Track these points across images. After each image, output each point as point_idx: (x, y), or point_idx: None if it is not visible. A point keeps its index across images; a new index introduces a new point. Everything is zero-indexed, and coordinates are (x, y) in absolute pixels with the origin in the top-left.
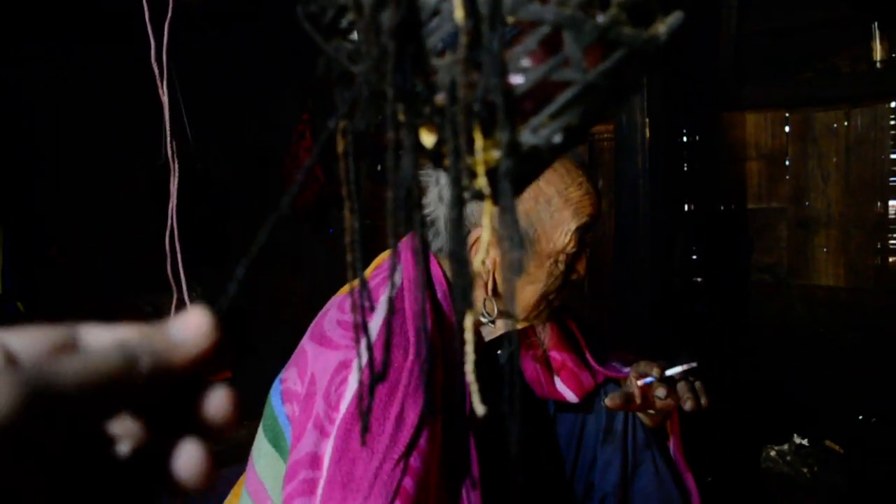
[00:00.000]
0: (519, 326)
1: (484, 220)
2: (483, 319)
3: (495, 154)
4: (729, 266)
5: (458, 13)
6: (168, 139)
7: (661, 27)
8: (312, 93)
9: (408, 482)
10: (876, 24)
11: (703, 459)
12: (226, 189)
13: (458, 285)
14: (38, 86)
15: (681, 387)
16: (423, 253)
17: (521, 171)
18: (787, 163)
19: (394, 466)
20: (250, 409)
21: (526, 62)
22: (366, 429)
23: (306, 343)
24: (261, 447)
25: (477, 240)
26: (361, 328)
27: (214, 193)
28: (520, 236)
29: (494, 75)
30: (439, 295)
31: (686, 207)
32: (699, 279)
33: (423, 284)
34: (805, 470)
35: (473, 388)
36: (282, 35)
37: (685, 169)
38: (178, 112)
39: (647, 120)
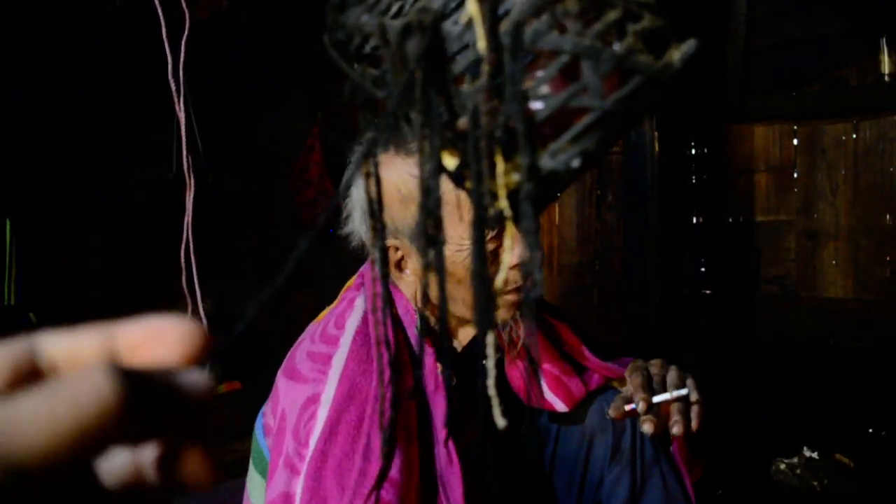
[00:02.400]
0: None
1: (505, 241)
2: (416, 332)
3: (515, 177)
4: (738, 278)
5: (481, 43)
6: (184, 154)
7: (676, 54)
8: (322, 105)
9: None
10: (884, 37)
11: (713, 472)
12: (235, 201)
13: (479, 304)
14: (50, 97)
15: (673, 408)
16: (383, 274)
17: (540, 194)
18: (795, 175)
19: (364, 501)
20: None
21: (545, 89)
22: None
23: (279, 378)
24: (253, 479)
25: (390, 249)
26: (384, 343)
27: (224, 205)
28: (540, 256)
29: (515, 102)
30: (400, 311)
31: (695, 219)
32: (708, 291)
33: (385, 307)
34: (815, 483)
35: (495, 403)
36: (291, 48)
37: (693, 181)
38: (189, 124)
39: (655, 133)
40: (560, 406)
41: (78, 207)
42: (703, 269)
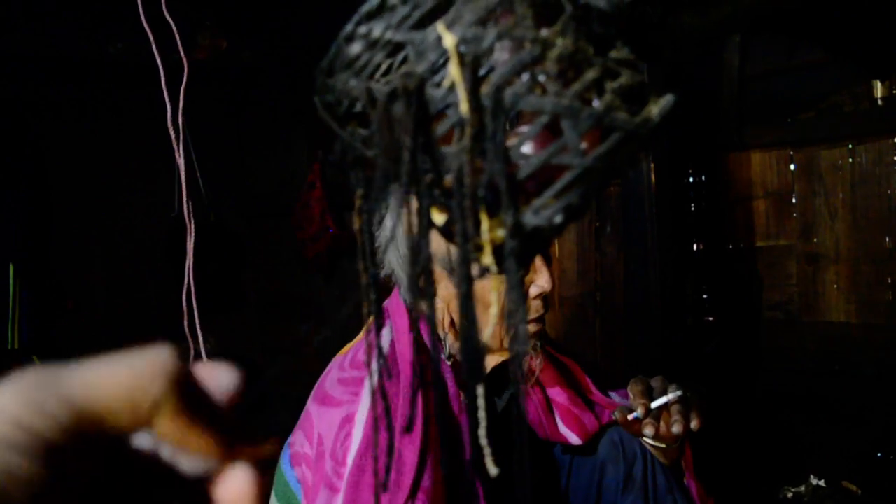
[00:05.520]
0: (501, 357)
1: (492, 296)
2: (443, 357)
3: (500, 233)
4: (740, 304)
5: (463, 106)
6: (184, 198)
7: (654, 109)
8: (322, 144)
9: None
10: (876, 63)
11: (721, 501)
12: (238, 239)
13: (467, 358)
14: (56, 140)
15: (673, 410)
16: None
17: (524, 249)
18: (793, 200)
19: None
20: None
21: (528, 147)
22: (385, 487)
23: (310, 405)
24: None
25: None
26: (376, 375)
27: (228, 244)
28: (524, 310)
29: (498, 161)
30: (425, 336)
31: (695, 247)
32: (710, 318)
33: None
34: None
35: (487, 453)
36: (290, 87)
37: (692, 209)
38: (190, 165)
39: (652, 164)
40: (574, 439)
41: (82, 250)
42: (705, 297)
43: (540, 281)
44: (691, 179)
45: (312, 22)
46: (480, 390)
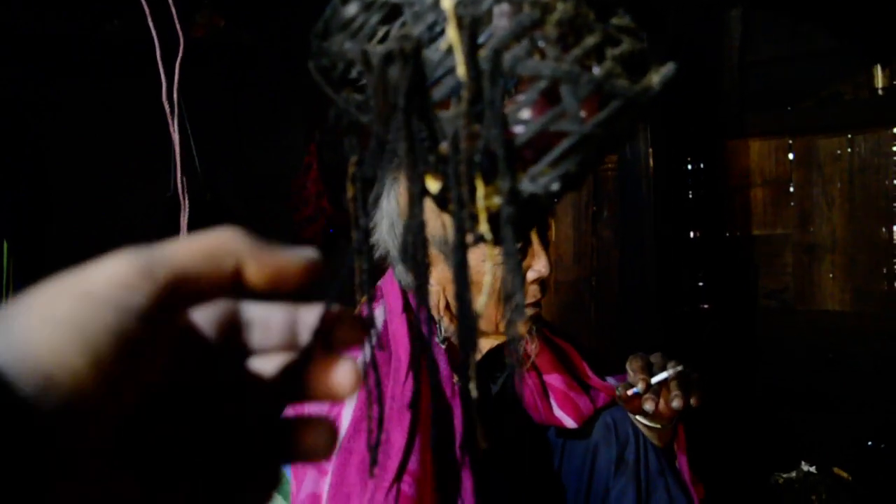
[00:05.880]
0: (496, 341)
1: (486, 265)
2: (438, 340)
3: (496, 201)
4: (736, 293)
5: (461, 69)
6: (179, 176)
7: (655, 77)
8: (319, 124)
9: None
10: (877, 52)
11: (713, 487)
12: (234, 218)
13: (463, 327)
14: (50, 118)
15: (672, 386)
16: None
17: (521, 217)
18: (791, 189)
19: (385, 494)
20: None
21: (526, 113)
22: (374, 461)
23: None
24: None
25: None
26: (371, 366)
27: (223, 222)
28: (522, 278)
29: (495, 127)
30: (420, 318)
31: (692, 235)
32: (706, 306)
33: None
34: (814, 497)
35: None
36: (288, 67)
37: (690, 197)
38: (186, 143)
39: (650, 150)
40: (569, 423)
41: (77, 229)
42: (701, 284)
43: (537, 265)
44: (690, 166)
45: (311, 1)
46: (473, 370)
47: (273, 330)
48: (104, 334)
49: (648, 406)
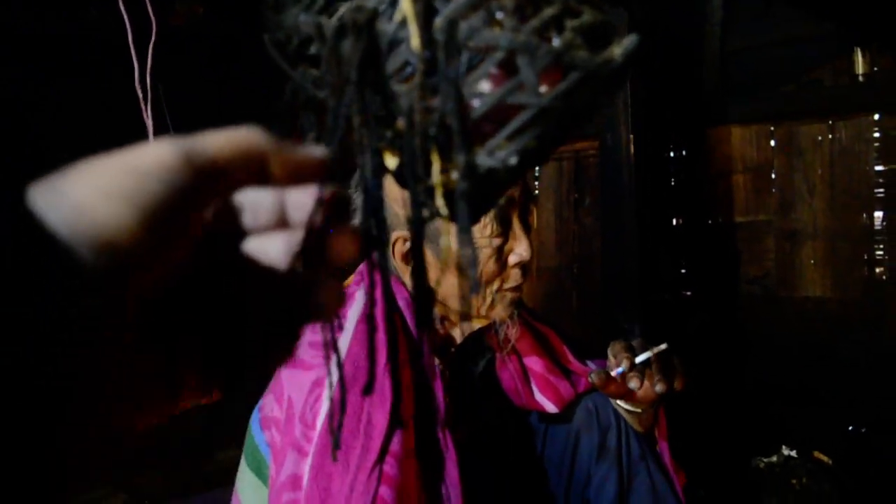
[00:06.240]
0: (477, 325)
1: (442, 239)
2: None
3: (454, 176)
4: (718, 279)
5: (415, 41)
6: None
7: (617, 50)
8: (301, 115)
9: (384, 491)
10: (857, 38)
11: (694, 472)
12: None
13: (418, 300)
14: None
15: (655, 368)
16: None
17: (479, 193)
18: (773, 176)
19: (368, 476)
20: (240, 434)
21: (485, 86)
22: (337, 445)
23: (281, 368)
24: (244, 477)
25: (397, 241)
26: (331, 345)
27: None
28: (475, 256)
29: (450, 100)
30: (401, 303)
31: (674, 222)
32: (688, 293)
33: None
34: (794, 482)
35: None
36: (270, 57)
37: (672, 184)
38: (166, 132)
39: (631, 136)
40: (550, 407)
41: None
42: (683, 271)
43: (519, 249)
44: (672, 154)
45: None
46: (427, 337)
47: (262, 212)
48: (152, 203)
49: (634, 383)
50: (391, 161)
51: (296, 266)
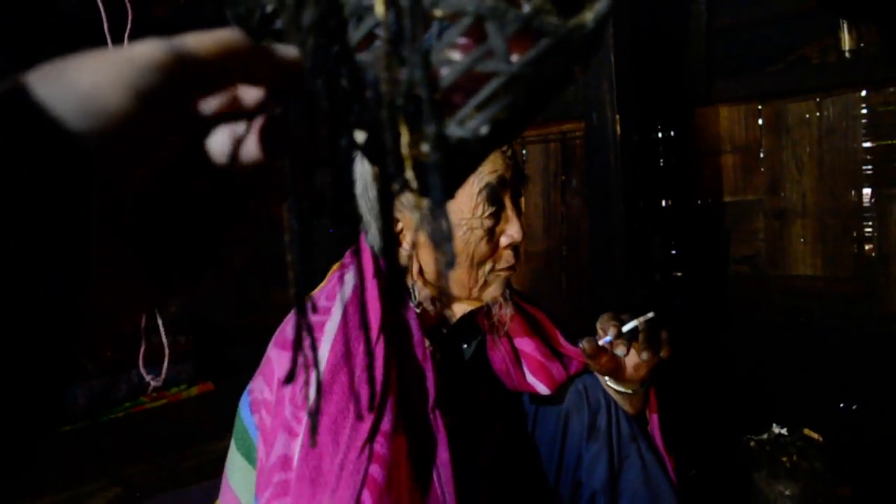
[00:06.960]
0: (470, 306)
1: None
2: (412, 304)
3: (424, 148)
4: (707, 259)
5: (379, 8)
6: None
7: (589, 15)
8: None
9: (375, 470)
10: (844, 15)
11: (685, 452)
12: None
13: (390, 277)
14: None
15: (641, 338)
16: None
17: (451, 165)
18: (761, 155)
19: (358, 455)
20: (231, 422)
21: (454, 55)
22: (315, 430)
23: (271, 350)
24: (234, 461)
25: (396, 223)
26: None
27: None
28: (449, 230)
29: (418, 69)
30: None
31: (663, 203)
32: (678, 273)
33: (371, 278)
34: (785, 459)
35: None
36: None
37: (660, 164)
38: None
39: (617, 116)
40: (542, 389)
41: None
42: (672, 252)
43: (510, 230)
44: (660, 134)
45: None
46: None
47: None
48: (152, 94)
49: (621, 350)
50: (359, 135)
51: (237, 154)
